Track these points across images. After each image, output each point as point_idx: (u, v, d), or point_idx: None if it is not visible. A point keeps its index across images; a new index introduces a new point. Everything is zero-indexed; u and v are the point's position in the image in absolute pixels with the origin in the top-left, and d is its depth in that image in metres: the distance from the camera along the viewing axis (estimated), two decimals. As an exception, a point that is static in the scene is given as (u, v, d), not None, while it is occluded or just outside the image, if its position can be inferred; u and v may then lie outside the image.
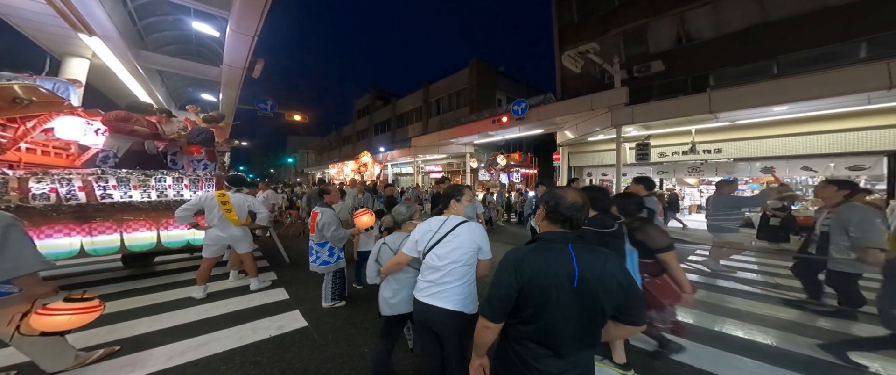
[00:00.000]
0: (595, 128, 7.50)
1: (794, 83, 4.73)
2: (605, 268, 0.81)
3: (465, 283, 1.24)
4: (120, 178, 2.85)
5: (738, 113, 5.56)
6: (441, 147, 14.17)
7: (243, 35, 5.36)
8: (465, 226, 1.28)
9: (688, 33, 8.14)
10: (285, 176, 40.66)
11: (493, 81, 16.82)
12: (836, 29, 5.84)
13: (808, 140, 5.73)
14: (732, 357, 1.88)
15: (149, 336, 2.08)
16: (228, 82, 7.82)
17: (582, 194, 0.90)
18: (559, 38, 11.50)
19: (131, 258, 3.33)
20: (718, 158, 6.80)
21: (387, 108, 25.16)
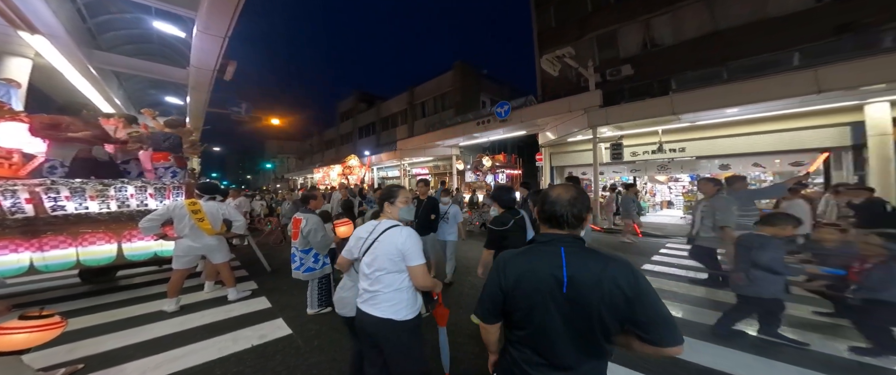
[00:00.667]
0: (573, 129, 7.97)
1: (741, 88, 5.35)
2: (603, 274, 0.72)
3: (395, 290, 1.21)
4: (74, 188, 2.72)
5: (697, 115, 6.16)
6: (427, 150, 14.33)
7: (213, 36, 5.18)
8: (390, 232, 1.24)
9: (652, 39, 8.87)
10: (264, 182, 39.17)
11: (477, 83, 17.28)
12: (775, 38, 6.64)
13: (757, 139, 6.45)
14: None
15: (117, 352, 2.03)
16: (197, 85, 7.54)
17: (570, 189, 0.83)
18: (538, 42, 12.08)
19: (90, 273, 3.17)
20: (683, 156, 7.45)
21: (371, 111, 25.02)
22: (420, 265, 1.23)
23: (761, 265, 1.94)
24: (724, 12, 7.52)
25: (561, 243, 0.79)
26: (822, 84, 4.61)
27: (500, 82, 19.03)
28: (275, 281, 3.52)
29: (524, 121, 9.65)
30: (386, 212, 1.38)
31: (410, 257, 1.22)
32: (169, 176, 3.35)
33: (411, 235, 1.25)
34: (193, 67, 6.47)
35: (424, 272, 1.24)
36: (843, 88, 4.51)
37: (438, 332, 1.58)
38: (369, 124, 25.30)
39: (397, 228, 1.26)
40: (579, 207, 0.81)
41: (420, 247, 1.25)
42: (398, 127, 21.18)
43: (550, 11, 11.81)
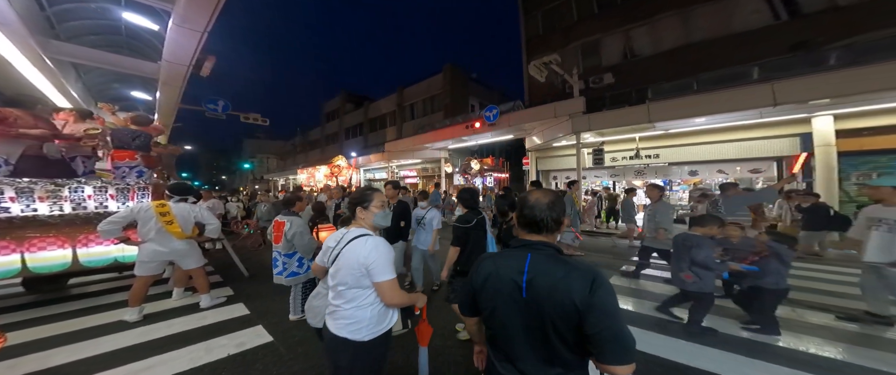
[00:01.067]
0: (558, 134, 8.29)
1: (707, 99, 5.81)
2: (560, 281, 0.72)
3: (356, 307, 1.09)
4: (20, 188, 2.52)
5: (670, 123, 6.60)
6: (416, 152, 14.34)
7: (190, 30, 4.96)
8: (355, 242, 1.11)
9: (632, 49, 9.42)
10: (241, 183, 37.58)
11: (467, 87, 17.55)
12: (739, 52, 7.26)
13: (722, 147, 7.01)
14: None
15: (71, 366, 1.89)
16: (169, 80, 7.13)
17: (546, 194, 0.83)
18: (526, 49, 12.48)
19: (36, 281, 2.92)
20: (657, 162, 7.93)
21: (359, 111, 24.75)
22: (388, 280, 1.09)
23: (697, 263, 2.15)
24: (696, 25, 8.13)
25: (531, 248, 0.80)
26: (777, 97, 5.09)
27: (488, 87, 19.42)
28: (253, 287, 3.40)
29: (512, 125, 9.90)
30: (358, 218, 1.22)
31: (376, 271, 1.08)
32: (134, 176, 3.18)
33: (378, 246, 1.11)
34: (166, 62, 6.15)
35: (393, 287, 1.11)
36: (794, 101, 5.00)
37: (419, 352, 1.43)
38: (356, 125, 25.01)
39: (363, 238, 1.12)
40: (558, 211, 0.81)
41: (389, 259, 1.11)
42: (387, 128, 21.09)
43: (538, 19, 12.25)
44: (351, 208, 1.26)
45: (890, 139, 5.29)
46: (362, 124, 23.98)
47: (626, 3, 9.58)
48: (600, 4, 10.29)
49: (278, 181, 29.21)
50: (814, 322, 2.50)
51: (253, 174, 38.40)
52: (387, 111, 21.23)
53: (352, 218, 1.27)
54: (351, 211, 1.26)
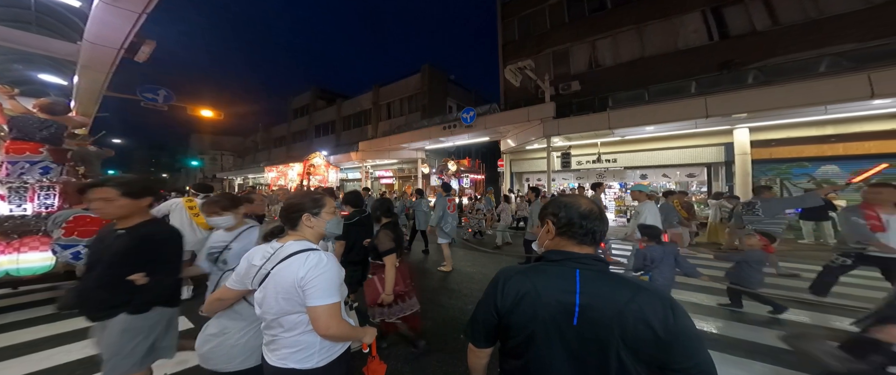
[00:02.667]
0: (530, 137, 9.06)
1: (656, 109, 6.85)
2: (628, 305, 0.63)
3: (302, 332, 0.93)
4: None
5: (626, 130, 7.61)
6: (392, 152, 14.56)
7: (124, 10, 4.33)
8: (292, 260, 0.92)
9: (596, 59, 10.61)
10: (188, 182, 34.66)
11: (445, 88, 18.17)
12: (682, 68, 8.58)
13: (666, 154, 8.22)
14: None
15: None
16: (91, 64, 6.33)
17: (593, 201, 0.77)
18: (503, 53, 13.35)
19: None
20: (615, 166, 9.01)
21: (331, 109, 24.38)
22: (325, 305, 0.90)
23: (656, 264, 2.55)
24: (649, 41, 9.45)
25: (578, 263, 0.70)
26: (709, 110, 6.20)
27: (466, 89, 20.23)
28: (196, 301, 3.27)
29: (488, 127, 10.57)
30: (303, 228, 1.03)
31: (313, 292, 0.89)
32: (36, 173, 2.81)
33: (320, 263, 0.92)
34: (88, 43, 5.44)
35: (332, 314, 0.91)
36: (721, 114, 6.13)
37: None
38: (328, 123, 24.56)
39: (303, 255, 0.93)
40: (606, 223, 0.74)
41: (333, 280, 0.93)
42: (362, 127, 21.01)
43: (515, 25, 13.17)
44: (290, 217, 1.03)
45: (793, 149, 6.65)
46: (335, 122, 23.61)
47: (593, 16, 10.74)
48: (571, 15, 11.40)
49: (235, 181, 27.54)
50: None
51: (203, 173, 35.67)
52: (362, 110, 21.18)
53: (286, 229, 1.05)
54: (289, 220, 1.03)
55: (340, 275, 0.99)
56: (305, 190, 1.70)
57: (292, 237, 1.03)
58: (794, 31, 7.19)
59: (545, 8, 12.07)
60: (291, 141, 28.20)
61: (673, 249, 2.48)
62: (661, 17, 9.15)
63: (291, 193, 6.06)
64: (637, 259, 2.52)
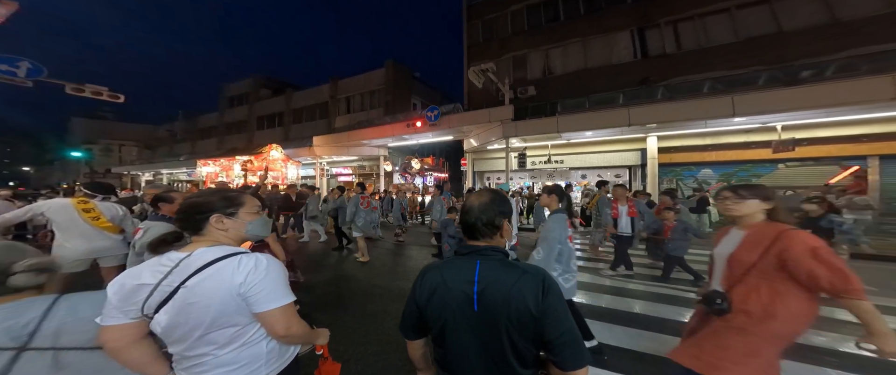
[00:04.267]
0: (491, 138, 10.33)
1: (593, 116, 8.61)
2: (512, 288, 0.73)
3: (244, 345, 0.86)
4: None
5: (571, 134, 9.31)
6: (352, 148, 14.76)
7: None
8: (217, 267, 0.82)
9: (549, 67, 12.47)
10: (70, 177, 29.26)
11: (409, 85, 18.93)
12: (615, 81, 10.73)
13: (600, 156, 10.27)
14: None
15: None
16: None
17: (483, 195, 0.87)
18: (468, 54, 14.66)
19: None
20: (562, 166, 10.83)
21: (278, 99, 23.27)
22: (280, 306, 0.86)
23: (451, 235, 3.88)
24: (591, 54, 11.54)
25: (479, 254, 0.82)
26: (631, 120, 8.07)
27: (432, 87, 21.29)
28: None
29: (452, 127, 11.61)
30: (213, 231, 0.92)
31: (262, 298, 0.83)
32: None
33: (260, 265, 0.86)
34: None
35: (292, 314, 0.89)
36: (638, 123, 8.05)
37: None
38: (275, 115, 23.38)
39: (233, 260, 0.85)
40: (490, 213, 0.83)
41: (278, 279, 0.88)
42: (316, 121, 20.56)
43: (480, 27, 14.57)
44: (191, 219, 0.92)
45: (685, 155, 8.98)
46: (283, 114, 22.59)
47: (548, 26, 12.57)
48: (530, 23, 13.15)
49: (141, 176, 24.38)
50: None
51: (91, 166, 30.53)
52: (317, 103, 20.74)
53: (187, 235, 0.93)
54: (190, 223, 0.92)
55: (285, 273, 0.92)
56: (216, 187, 1.73)
57: (201, 242, 0.90)
58: (690, 56, 9.68)
59: (508, 13, 13.71)
60: (224, 133, 26.01)
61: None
62: (601, 32, 11.28)
63: (209, 189, 6.19)
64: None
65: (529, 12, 13.14)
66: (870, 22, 7.54)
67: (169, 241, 0.92)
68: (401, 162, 14.53)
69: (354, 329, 2.73)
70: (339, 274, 4.40)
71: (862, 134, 7.09)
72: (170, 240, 0.92)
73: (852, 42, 7.59)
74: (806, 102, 6.29)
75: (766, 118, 7.10)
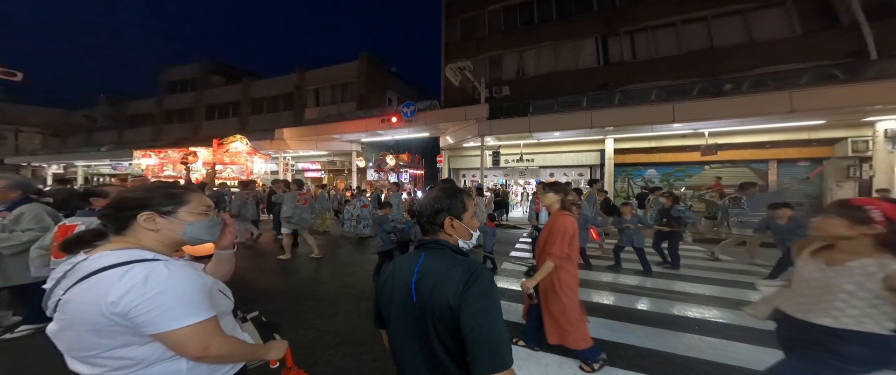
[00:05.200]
0: (467, 136, 11.10)
1: (560, 117, 9.77)
2: (441, 279, 0.76)
3: (156, 361, 0.75)
4: None
5: (541, 134, 10.40)
6: (322, 142, 14.64)
7: None
8: (99, 280, 0.70)
9: (523, 69, 13.62)
10: None
11: (385, 79, 19.19)
12: (581, 85, 12.14)
13: (566, 156, 11.68)
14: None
15: None
16: None
17: (431, 193, 0.93)
18: (445, 52, 15.36)
19: None
20: (532, 165, 12.01)
21: (234, 88, 22.06)
22: (190, 326, 0.74)
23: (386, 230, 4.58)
24: (561, 57, 12.89)
25: (425, 247, 0.88)
26: (593, 122, 9.32)
27: (408, 83, 21.75)
28: None
29: (428, 123, 12.17)
30: (137, 232, 0.82)
31: (159, 317, 0.71)
32: None
33: (151, 277, 0.72)
34: None
35: (206, 334, 0.77)
36: (599, 126, 9.33)
37: None
38: (230, 104, 22.10)
39: (119, 270, 0.71)
40: (430, 210, 0.88)
41: (183, 294, 0.75)
42: (279, 113, 19.84)
43: (458, 25, 15.37)
44: (116, 215, 0.82)
45: (635, 157, 10.59)
46: (239, 104, 21.42)
47: (523, 28, 13.77)
48: (506, 24, 14.24)
49: (46, 169, 21.53)
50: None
51: None
52: (281, 93, 20.05)
53: (109, 233, 0.83)
54: (114, 220, 0.82)
55: (202, 285, 0.80)
56: (155, 181, 1.47)
57: (116, 244, 0.80)
58: (642, 65, 11.37)
59: (485, 13, 14.71)
60: (163, 121, 23.89)
61: None
62: (570, 38, 12.70)
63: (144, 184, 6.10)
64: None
65: (506, 13, 14.25)
66: (776, 43, 9.61)
67: (85, 240, 0.83)
68: (375, 158, 14.73)
69: (325, 331, 2.75)
70: (309, 277, 4.43)
71: (765, 141, 9.04)
72: (87, 238, 0.83)
73: (763, 61, 9.62)
74: (726, 112, 7.93)
75: (697, 125, 8.74)
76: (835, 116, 7.60)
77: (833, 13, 9.15)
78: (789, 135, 8.82)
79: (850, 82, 7.03)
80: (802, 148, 8.85)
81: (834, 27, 9.08)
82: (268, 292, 3.82)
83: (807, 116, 7.53)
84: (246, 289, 3.88)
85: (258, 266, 4.92)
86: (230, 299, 0.96)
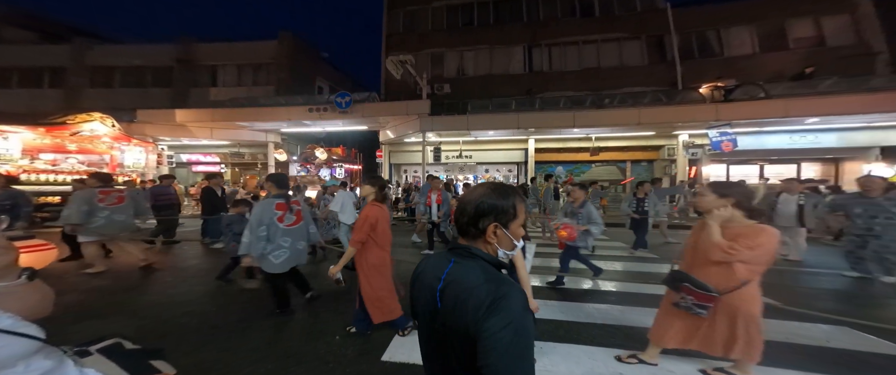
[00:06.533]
0: (408, 131, 11.71)
1: (492, 118, 11.61)
2: (464, 294, 0.73)
3: None
4: None
5: (477, 132, 11.98)
6: (220, 131, 12.43)
7: None
8: None
9: (463, 68, 15.25)
10: None
11: (314, 65, 17.95)
12: (513, 88, 14.52)
13: (499, 153, 14.14)
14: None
15: None
16: None
17: (483, 187, 0.86)
18: (386, 43, 15.63)
19: None
20: (470, 161, 13.66)
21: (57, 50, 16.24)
22: None
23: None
24: (496, 61, 15.16)
25: (455, 252, 0.84)
26: (520, 123, 11.41)
27: (343, 72, 21.16)
28: None
29: (366, 116, 12.15)
30: None
31: None
32: None
33: None
34: None
35: None
36: (524, 127, 11.51)
37: None
38: (47, 69, 16.09)
39: None
40: (479, 209, 0.82)
41: None
42: (147, 89, 15.66)
43: (400, 18, 15.85)
44: None
45: (547, 155, 13.57)
46: (65, 71, 15.81)
47: (464, 28, 15.36)
48: (448, 23, 15.54)
49: None
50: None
51: None
52: (148, 64, 15.86)
53: None
54: None
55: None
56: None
57: None
58: (556, 76, 14.60)
59: (429, 9, 15.68)
60: None
61: None
62: (504, 44, 14.95)
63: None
64: None
65: (449, 12, 15.58)
66: (634, 69, 13.84)
67: None
68: (301, 151, 13.38)
69: (244, 346, 2.59)
70: (222, 290, 3.95)
71: (624, 146, 13.11)
72: None
73: (627, 82, 13.55)
74: (603, 121, 11.24)
75: (587, 131, 11.97)
76: (659, 129, 11.87)
77: (663, 50, 13.80)
78: (637, 142, 13.09)
79: (667, 105, 11.21)
80: (643, 152, 13.30)
81: (664, 61, 13.71)
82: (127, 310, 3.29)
83: (646, 128, 11.50)
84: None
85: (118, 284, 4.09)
86: (31, 336, 0.72)
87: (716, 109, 9.94)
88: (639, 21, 13.81)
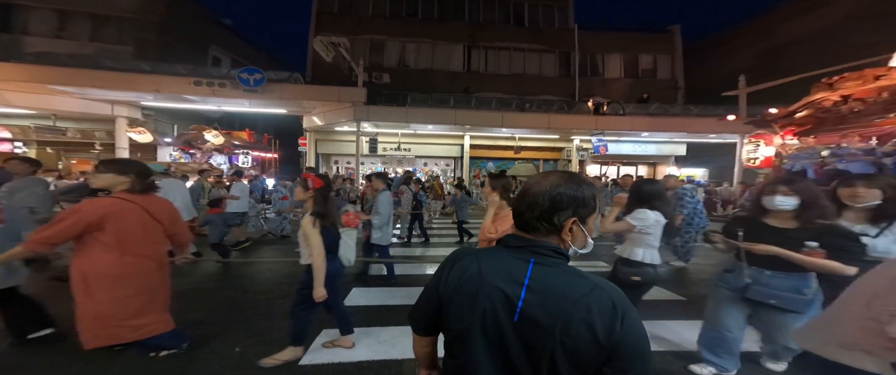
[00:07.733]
0: (340, 119, 10.68)
1: (431, 112, 11.91)
2: (576, 304, 0.63)
3: None
4: None
5: (416, 126, 12.03)
6: (24, 95, 8.45)
7: None
8: None
9: (405, 60, 15.02)
10: None
11: (208, 30, 14.56)
12: (450, 84, 15.05)
13: (437, 148, 14.44)
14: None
15: None
16: None
17: (555, 176, 0.75)
18: (316, 21, 13.94)
19: None
20: (409, 154, 13.51)
21: None
22: None
23: None
24: (437, 56, 15.27)
25: (533, 251, 0.72)
26: (457, 119, 12.11)
27: (255, 46, 17.96)
28: None
29: (285, 98, 10.50)
30: None
31: None
32: None
33: None
34: None
35: None
36: (460, 124, 12.27)
37: None
38: None
39: None
40: (556, 200, 0.71)
41: None
42: None
43: (334, -3, 14.43)
44: None
45: (480, 151, 14.74)
46: None
47: (407, 19, 14.97)
48: (391, 11, 14.93)
49: None
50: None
51: None
52: None
53: None
54: None
55: None
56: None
57: None
58: (489, 77, 15.81)
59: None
60: None
61: None
62: (446, 40, 15.25)
63: None
64: None
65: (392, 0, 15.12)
66: (550, 79, 16.15)
67: None
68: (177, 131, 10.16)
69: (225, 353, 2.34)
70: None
71: (539, 147, 15.68)
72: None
73: (543, 90, 15.70)
74: (523, 123, 12.97)
75: (512, 131, 13.71)
76: (562, 133, 14.77)
77: (569, 65, 16.48)
78: (548, 143, 15.75)
79: (567, 114, 14.13)
80: (552, 152, 16.11)
81: (568, 75, 16.44)
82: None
83: (554, 132, 14.10)
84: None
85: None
86: None
87: (595, 120, 12.68)
88: (555, 36, 16.20)
